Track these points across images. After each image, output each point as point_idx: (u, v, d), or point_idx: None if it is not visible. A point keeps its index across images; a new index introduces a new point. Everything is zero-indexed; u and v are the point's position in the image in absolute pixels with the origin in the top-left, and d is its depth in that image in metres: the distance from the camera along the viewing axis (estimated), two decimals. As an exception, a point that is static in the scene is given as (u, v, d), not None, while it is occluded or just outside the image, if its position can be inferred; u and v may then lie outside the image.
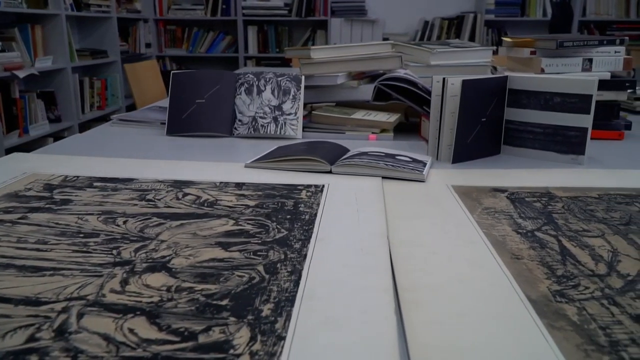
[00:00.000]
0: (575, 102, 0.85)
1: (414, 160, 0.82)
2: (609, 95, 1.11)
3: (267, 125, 1.03)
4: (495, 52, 1.51)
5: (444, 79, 0.86)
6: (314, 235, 0.55)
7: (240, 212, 0.62)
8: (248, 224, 0.59)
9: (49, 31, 3.12)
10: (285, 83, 1.07)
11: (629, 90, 1.50)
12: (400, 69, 1.31)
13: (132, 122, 1.17)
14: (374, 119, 1.07)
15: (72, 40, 3.33)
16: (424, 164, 0.81)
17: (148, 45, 4.39)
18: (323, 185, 0.73)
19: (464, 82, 0.83)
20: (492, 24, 4.38)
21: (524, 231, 0.57)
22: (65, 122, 3.20)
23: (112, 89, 3.81)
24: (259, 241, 0.54)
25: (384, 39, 4.22)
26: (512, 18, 4.33)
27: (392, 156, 0.83)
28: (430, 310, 0.41)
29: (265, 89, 1.06)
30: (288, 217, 0.61)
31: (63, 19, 3.13)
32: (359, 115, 1.09)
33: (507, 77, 0.91)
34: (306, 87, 1.17)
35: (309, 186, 0.72)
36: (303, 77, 1.08)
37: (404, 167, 0.77)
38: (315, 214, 0.61)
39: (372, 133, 1.06)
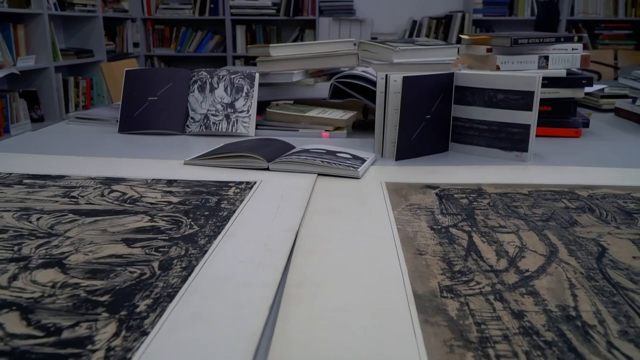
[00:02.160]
0: (518, 99, 0.85)
1: (355, 158, 0.82)
2: (565, 93, 1.10)
3: (219, 123, 1.02)
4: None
5: (386, 75, 0.86)
6: (223, 232, 0.55)
7: (160, 209, 0.62)
8: (163, 220, 0.58)
9: (31, 30, 3.11)
10: (239, 81, 1.06)
11: (595, 89, 1.50)
12: (361, 67, 1.31)
13: (89, 119, 1.16)
14: (328, 116, 1.06)
15: (55, 39, 3.32)
16: (363, 161, 0.81)
17: (136, 45, 4.39)
18: (255, 182, 0.72)
19: (405, 79, 0.83)
20: (480, 23, 4.38)
21: (439, 227, 0.57)
22: (48, 122, 3.19)
23: (98, 89, 3.80)
24: (167, 237, 0.53)
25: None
26: (500, 17, 4.33)
27: (334, 153, 0.83)
28: (310, 305, 0.41)
29: (218, 86, 1.05)
30: (206, 213, 0.60)
31: (46, 18, 3.12)
32: (314, 113, 1.08)
33: (453, 74, 0.91)
34: (263, 85, 1.17)
35: (241, 183, 0.72)
36: (257, 75, 1.08)
37: (340, 164, 0.76)
38: (234, 211, 0.61)
39: (326, 131, 1.05)
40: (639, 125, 1.22)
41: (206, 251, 0.50)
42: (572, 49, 1.12)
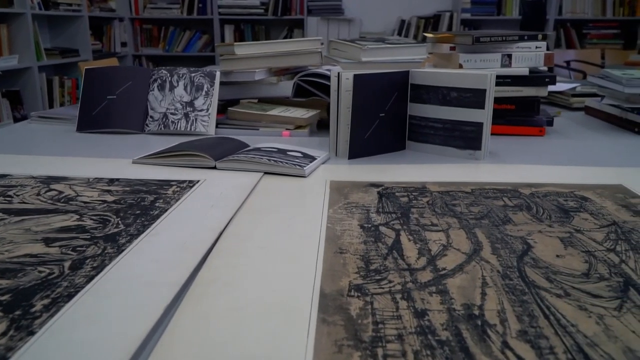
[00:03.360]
0: (470, 97, 0.84)
1: (305, 156, 0.81)
2: (529, 91, 1.10)
3: (178, 122, 1.02)
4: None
5: (338, 73, 0.85)
6: (148, 231, 0.54)
7: (92, 208, 0.61)
8: (91, 219, 0.57)
9: (14, 30, 3.10)
10: (199, 79, 1.05)
11: (567, 87, 1.50)
12: (327, 66, 1.30)
13: (50, 118, 1.15)
14: (289, 115, 1.06)
15: (39, 39, 3.30)
16: (313, 160, 0.80)
17: (124, 45, 4.37)
18: (198, 181, 0.71)
19: (356, 77, 0.82)
20: (468, 22, 4.38)
21: (369, 226, 0.56)
22: (32, 122, 3.17)
23: (84, 88, 3.78)
24: (88, 237, 0.52)
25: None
26: (488, 17, 4.33)
27: (284, 152, 0.82)
28: (211, 305, 0.40)
29: (177, 85, 1.05)
30: (137, 212, 0.59)
31: (29, 18, 3.11)
32: (276, 111, 1.08)
33: (408, 72, 0.90)
34: (226, 84, 1.16)
35: (183, 182, 0.71)
36: (218, 73, 1.07)
37: (287, 163, 0.76)
38: (167, 210, 0.60)
39: (287, 129, 1.05)
40: (606, 123, 1.22)
41: (123, 250, 0.49)
42: (536, 48, 1.12)
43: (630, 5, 4.37)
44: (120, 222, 0.56)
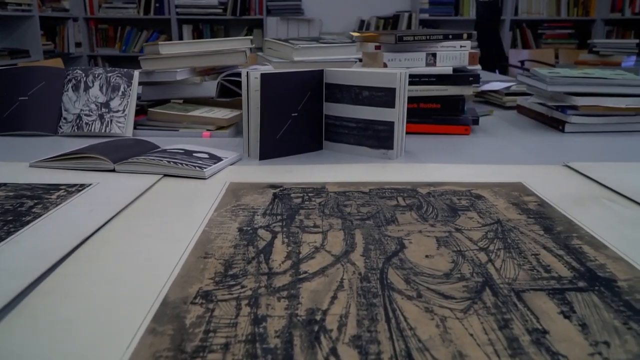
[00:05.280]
0: (382, 96, 0.83)
1: (212, 158, 0.79)
2: (454, 90, 1.10)
3: (92, 123, 0.98)
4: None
5: (247, 72, 0.83)
6: (10, 238, 0.51)
7: (-38, 215, 0.58)
8: (-45, 226, 0.54)
9: (-43, 30, 2.99)
10: (115, 79, 1.02)
11: (503, 87, 1.51)
12: (256, 65, 1.28)
13: (-36, 121, 1.10)
14: (210, 115, 1.04)
15: (-15, 39, 3.20)
16: (219, 161, 0.78)
17: (78, 45, 4.28)
18: (90, 185, 0.69)
19: (263, 76, 0.81)
20: (426, 23, 4.41)
21: (249, 228, 0.55)
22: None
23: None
24: (-58, 245, 0.50)
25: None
26: (446, 17, 4.37)
27: (190, 154, 0.80)
28: (41, 314, 0.38)
29: (93, 85, 1.01)
30: (9, 218, 0.57)
31: (-27, 17, 3.01)
32: (198, 112, 1.05)
33: (322, 71, 0.89)
34: (148, 84, 1.13)
35: (73, 186, 0.68)
36: (136, 73, 1.04)
37: (187, 165, 0.73)
38: (41, 216, 0.57)
39: (207, 130, 1.02)
40: (535, 121, 1.23)
41: (-29, 259, 0.46)
42: (461, 47, 1.12)
43: (584, 6, 4.47)
44: (-16, 229, 0.54)
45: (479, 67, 1.38)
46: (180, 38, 4.38)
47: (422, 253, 0.49)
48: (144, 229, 0.54)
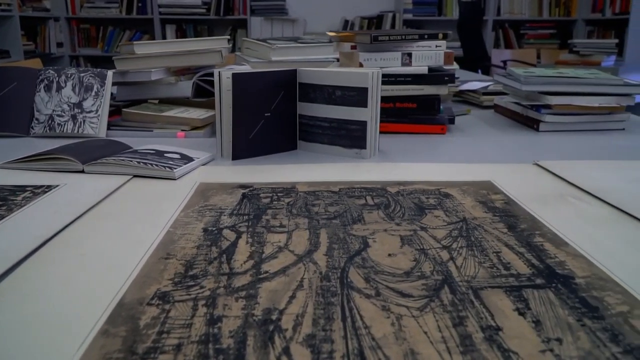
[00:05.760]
0: (354, 96, 0.83)
1: (183, 158, 0.79)
2: (430, 90, 1.10)
3: (65, 124, 0.97)
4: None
5: (219, 72, 0.83)
6: (-32, 240, 0.50)
7: None
8: None
9: None
10: (89, 79, 1.01)
11: (481, 86, 1.52)
12: (233, 65, 1.28)
13: None
14: (185, 116, 1.03)
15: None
16: (190, 161, 0.77)
17: (60, 45, 4.23)
18: (57, 186, 0.68)
19: (234, 76, 0.80)
20: (410, 23, 4.43)
21: (214, 229, 0.54)
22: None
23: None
24: None
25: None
26: (429, 17, 4.39)
27: (162, 154, 0.80)
28: (-9, 319, 0.37)
29: (65, 85, 1.00)
30: (-30, 220, 0.56)
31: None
32: (173, 112, 1.05)
33: (295, 70, 0.89)
34: (123, 84, 1.12)
35: (40, 187, 0.67)
36: (109, 73, 1.03)
37: (157, 165, 0.73)
38: (4, 217, 0.57)
39: (182, 130, 1.02)
40: (511, 121, 1.24)
41: None
42: (436, 46, 1.13)
43: (565, 6, 4.52)
44: (-56, 231, 0.53)
45: (455, 66, 1.39)
46: (164, 38, 4.35)
47: (385, 252, 0.49)
48: (108, 230, 0.54)
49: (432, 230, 0.54)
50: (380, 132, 1.08)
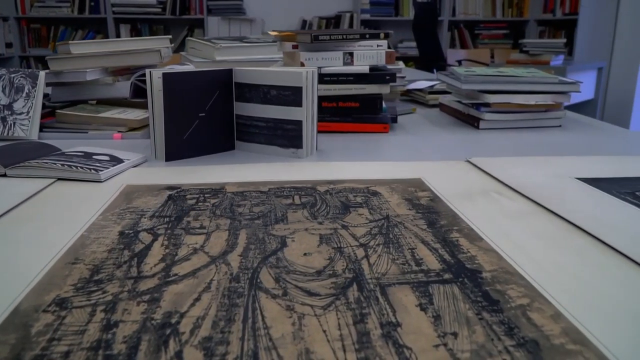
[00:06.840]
0: (289, 95, 0.83)
1: (113, 160, 0.77)
2: (372, 89, 1.11)
3: (-7, 126, 0.94)
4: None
5: (150, 72, 0.81)
6: None
7: None
8: None
9: None
10: (19, 80, 0.98)
11: (428, 85, 1.54)
12: (174, 64, 1.26)
13: None
14: (122, 117, 1.01)
15: None
16: (119, 163, 0.76)
17: (9, 45, 4.09)
18: (-26, 190, 0.65)
19: (165, 76, 0.79)
20: (368, 23, 4.46)
21: (131, 232, 0.53)
22: None
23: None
24: None
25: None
26: (386, 17, 4.43)
27: (90, 156, 0.78)
28: None
29: (-6, 86, 0.97)
30: None
31: None
32: (110, 113, 1.02)
33: (231, 70, 0.88)
34: (57, 85, 1.09)
35: (-45, 192, 0.65)
36: (42, 74, 1.00)
37: (82, 168, 0.71)
38: None
39: (119, 132, 0.99)
40: (455, 119, 1.26)
41: None
42: (377, 46, 1.14)
43: (518, 7, 4.63)
44: None
45: (400, 65, 1.40)
46: (118, 38, 4.26)
47: (301, 251, 0.49)
48: (18, 235, 0.52)
49: (353, 229, 0.54)
50: (323, 132, 1.08)
